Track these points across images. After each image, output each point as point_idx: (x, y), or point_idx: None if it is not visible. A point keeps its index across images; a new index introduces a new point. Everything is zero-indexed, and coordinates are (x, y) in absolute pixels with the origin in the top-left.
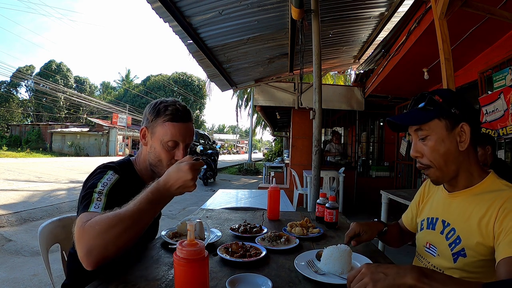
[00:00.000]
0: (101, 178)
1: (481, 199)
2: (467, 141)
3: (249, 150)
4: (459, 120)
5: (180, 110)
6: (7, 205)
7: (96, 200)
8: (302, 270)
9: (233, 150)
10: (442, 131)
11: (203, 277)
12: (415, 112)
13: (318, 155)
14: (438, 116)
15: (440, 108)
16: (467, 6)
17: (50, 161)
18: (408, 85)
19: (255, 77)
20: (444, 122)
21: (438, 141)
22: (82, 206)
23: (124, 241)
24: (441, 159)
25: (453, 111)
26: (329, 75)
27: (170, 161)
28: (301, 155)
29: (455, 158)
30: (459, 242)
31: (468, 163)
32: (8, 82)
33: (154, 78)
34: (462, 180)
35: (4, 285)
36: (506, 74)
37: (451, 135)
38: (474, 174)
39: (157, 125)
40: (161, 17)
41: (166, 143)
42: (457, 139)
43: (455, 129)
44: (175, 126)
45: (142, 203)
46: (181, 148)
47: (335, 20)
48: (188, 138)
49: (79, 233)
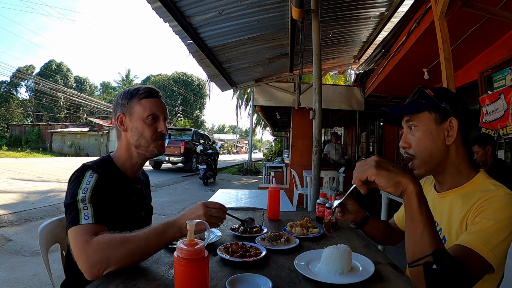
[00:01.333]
0: (80, 183)
1: (467, 199)
2: (454, 136)
3: (249, 150)
4: (448, 114)
5: (151, 88)
6: (7, 205)
7: (83, 210)
8: (302, 270)
9: (233, 150)
10: (430, 124)
11: (203, 277)
12: (408, 104)
13: (318, 155)
14: (428, 109)
15: (431, 101)
16: (467, 6)
17: (50, 161)
18: (408, 85)
19: (255, 77)
20: (433, 115)
21: (426, 132)
22: (71, 218)
23: (125, 262)
24: (425, 151)
25: (444, 105)
26: (329, 75)
27: (154, 134)
28: (301, 155)
29: (440, 151)
30: (444, 242)
31: (455, 160)
32: (8, 82)
33: (154, 78)
34: (450, 178)
35: (4, 285)
36: (506, 74)
37: (439, 128)
38: (463, 172)
39: (133, 105)
40: (161, 17)
41: (146, 118)
42: (445, 133)
43: (444, 123)
44: (152, 101)
45: (151, 233)
46: (161, 119)
47: (335, 20)
48: (164, 112)
49: (83, 247)
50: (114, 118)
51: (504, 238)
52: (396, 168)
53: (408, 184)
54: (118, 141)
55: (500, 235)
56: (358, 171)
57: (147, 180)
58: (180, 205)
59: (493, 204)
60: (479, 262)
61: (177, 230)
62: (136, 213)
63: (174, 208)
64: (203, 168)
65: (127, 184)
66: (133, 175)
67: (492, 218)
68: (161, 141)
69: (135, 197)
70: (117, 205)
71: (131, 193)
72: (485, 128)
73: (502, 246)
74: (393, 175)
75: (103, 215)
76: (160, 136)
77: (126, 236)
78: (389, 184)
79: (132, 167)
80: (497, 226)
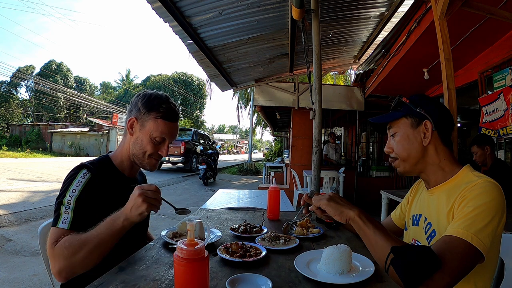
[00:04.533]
0: (70, 184)
1: (452, 192)
2: (429, 137)
3: (249, 150)
4: (423, 118)
5: (173, 109)
6: (7, 205)
7: (64, 214)
8: (302, 270)
9: (233, 150)
10: (407, 128)
11: (203, 277)
12: (389, 113)
13: (318, 155)
14: (405, 115)
15: (407, 107)
16: (467, 6)
17: (50, 161)
18: (408, 85)
19: (255, 77)
20: (410, 120)
21: (404, 136)
22: (53, 218)
23: (88, 263)
24: (404, 152)
25: (418, 110)
26: (329, 75)
27: (154, 154)
28: (301, 155)
29: (418, 152)
30: (433, 235)
31: (436, 158)
32: (8, 82)
33: (154, 78)
34: (433, 175)
35: (4, 285)
36: (506, 74)
37: (416, 131)
38: (446, 169)
39: (149, 119)
40: (161, 17)
41: (154, 138)
42: (421, 136)
43: (420, 126)
44: (167, 124)
45: (101, 228)
46: (166, 144)
47: (335, 20)
48: (174, 137)
49: (50, 252)
50: (127, 115)
51: (486, 223)
52: (344, 202)
53: (349, 212)
54: (123, 138)
55: (482, 220)
56: (315, 200)
57: (144, 180)
58: (180, 205)
59: (473, 191)
60: (465, 248)
61: (124, 218)
62: None
63: None
64: (203, 168)
65: (124, 183)
66: (130, 174)
67: (472, 205)
68: (156, 161)
69: None
70: (113, 204)
71: (128, 192)
72: (485, 128)
73: (487, 231)
74: (339, 207)
75: (82, 221)
76: (157, 157)
77: (83, 238)
78: (336, 213)
79: (130, 168)
80: (477, 211)
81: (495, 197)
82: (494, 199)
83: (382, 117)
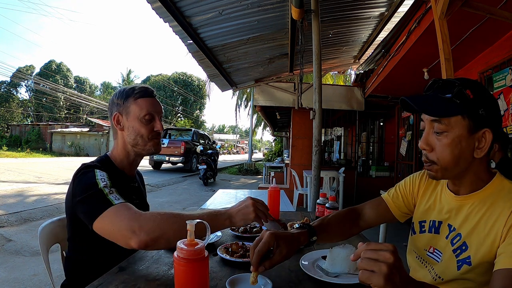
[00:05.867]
0: (94, 177)
1: (490, 204)
2: (485, 150)
3: (249, 150)
4: (483, 124)
5: (146, 87)
6: (7, 205)
7: (110, 194)
8: (308, 271)
9: (233, 150)
10: (462, 131)
11: (203, 277)
12: (438, 100)
13: (318, 155)
14: (463, 113)
15: (469, 105)
16: (467, 6)
17: (50, 161)
18: (408, 85)
19: (255, 77)
20: (467, 122)
21: (455, 140)
22: (97, 206)
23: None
24: (451, 160)
25: (481, 112)
26: (329, 75)
27: (151, 133)
28: (301, 155)
29: (467, 162)
30: (465, 249)
31: (477, 168)
32: (8, 82)
33: (154, 78)
34: (468, 183)
35: (4, 285)
36: (506, 74)
37: (470, 137)
38: (481, 177)
39: (130, 105)
40: (161, 17)
41: (143, 117)
42: (475, 144)
43: (477, 133)
44: (148, 101)
45: (204, 215)
46: (157, 119)
47: (335, 20)
48: (160, 111)
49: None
50: (110, 118)
51: None
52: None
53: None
54: (114, 140)
55: None
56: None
57: (141, 178)
58: (180, 205)
59: None
60: None
61: (227, 217)
62: None
63: (174, 208)
64: (203, 168)
65: (126, 182)
66: (130, 173)
67: None
68: (157, 140)
69: (134, 195)
70: None
71: (130, 191)
72: None
73: None
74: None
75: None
76: (156, 135)
77: (180, 213)
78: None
79: (130, 165)
80: None
81: None
82: None
83: (429, 106)
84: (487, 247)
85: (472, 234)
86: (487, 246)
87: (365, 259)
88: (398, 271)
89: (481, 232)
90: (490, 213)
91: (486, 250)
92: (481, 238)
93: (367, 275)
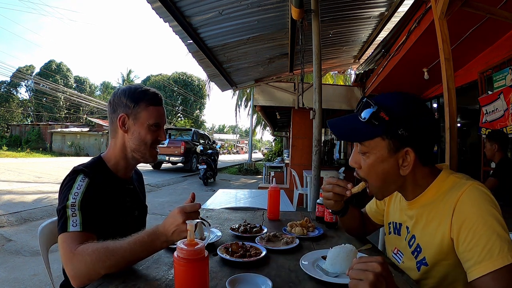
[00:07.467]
0: (71, 188)
1: (432, 207)
2: (410, 167)
3: (249, 150)
4: (405, 143)
5: (157, 94)
6: (7, 205)
7: (72, 217)
8: (309, 271)
9: (233, 150)
10: (383, 151)
11: (203, 277)
12: (356, 123)
13: (318, 155)
14: (381, 135)
15: (386, 126)
16: (467, 6)
17: (50, 161)
18: (408, 85)
19: (255, 77)
20: (387, 142)
21: (377, 160)
22: (60, 225)
23: (111, 272)
24: (377, 178)
25: (400, 132)
26: (329, 75)
27: (154, 142)
28: (301, 155)
29: (395, 179)
30: (420, 250)
31: (413, 178)
32: (8, 82)
33: (154, 78)
34: (410, 191)
35: (4, 285)
36: (506, 74)
37: (393, 157)
38: (420, 183)
39: (141, 110)
40: (161, 17)
41: (151, 125)
42: (399, 162)
43: (399, 152)
44: (158, 110)
45: (136, 244)
46: (162, 129)
47: (335, 20)
48: (165, 121)
49: (68, 257)
50: (112, 115)
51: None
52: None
53: None
54: (112, 139)
55: (498, 231)
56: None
57: (140, 178)
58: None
59: (466, 211)
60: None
61: (165, 239)
62: (129, 213)
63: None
64: (203, 168)
65: (119, 185)
66: (125, 176)
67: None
68: (156, 151)
69: (128, 198)
70: (109, 207)
71: (123, 194)
72: (485, 128)
73: (509, 239)
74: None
75: (92, 222)
76: (157, 144)
77: (110, 248)
78: None
79: (125, 168)
80: (489, 231)
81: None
82: (488, 208)
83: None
84: (437, 247)
85: (423, 236)
86: (437, 245)
87: (355, 270)
88: (385, 279)
89: (430, 233)
90: (433, 215)
91: (437, 250)
92: (431, 239)
93: (354, 283)
